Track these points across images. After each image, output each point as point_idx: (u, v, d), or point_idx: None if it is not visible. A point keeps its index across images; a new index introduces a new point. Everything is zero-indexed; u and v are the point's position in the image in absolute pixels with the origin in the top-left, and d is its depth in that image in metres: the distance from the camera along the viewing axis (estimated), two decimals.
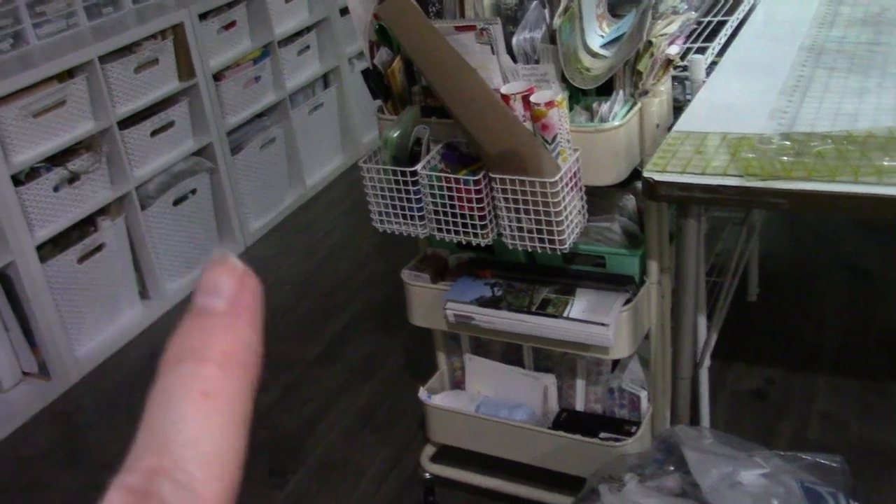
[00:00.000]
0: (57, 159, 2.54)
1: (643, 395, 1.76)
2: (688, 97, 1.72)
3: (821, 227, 2.84)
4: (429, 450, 2.00)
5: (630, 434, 1.73)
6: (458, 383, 1.98)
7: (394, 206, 1.59)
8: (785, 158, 1.34)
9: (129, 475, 0.25)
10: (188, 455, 0.26)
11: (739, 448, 1.41)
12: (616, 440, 1.72)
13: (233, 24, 3.15)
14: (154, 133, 2.84)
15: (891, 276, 2.56)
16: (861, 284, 2.55)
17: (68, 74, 2.56)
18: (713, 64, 1.82)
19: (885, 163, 1.28)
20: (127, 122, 2.74)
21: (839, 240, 2.77)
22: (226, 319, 0.28)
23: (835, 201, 1.24)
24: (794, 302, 2.50)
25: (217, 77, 3.07)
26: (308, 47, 3.52)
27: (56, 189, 2.52)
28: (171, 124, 2.90)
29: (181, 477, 0.25)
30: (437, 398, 1.92)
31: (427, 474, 1.97)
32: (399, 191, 1.56)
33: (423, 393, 1.92)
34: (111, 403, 2.50)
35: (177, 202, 2.94)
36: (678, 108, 1.66)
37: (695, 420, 1.93)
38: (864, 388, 2.14)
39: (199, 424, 0.26)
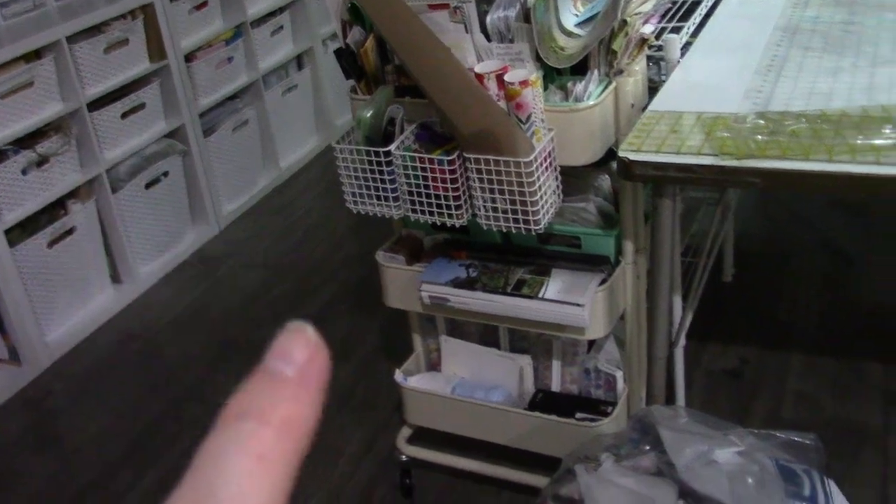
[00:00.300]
0: (25, 142, 2.50)
1: (619, 375, 1.77)
2: (663, 77, 1.71)
3: (795, 206, 2.85)
4: (405, 432, 1.99)
5: (606, 414, 1.73)
6: (434, 365, 1.97)
7: (367, 187, 1.57)
8: (759, 137, 1.33)
9: None
10: None
11: (714, 427, 1.42)
12: (592, 420, 1.72)
13: (204, 4, 3.10)
14: (125, 115, 2.80)
15: (864, 255, 2.58)
16: (835, 264, 2.56)
17: (35, 55, 2.51)
18: (688, 44, 1.81)
19: (859, 141, 1.28)
20: (97, 104, 2.70)
21: (813, 220, 2.79)
22: (292, 387, 0.29)
23: (809, 180, 1.24)
24: (769, 282, 2.52)
25: (189, 58, 3.03)
26: (281, 28, 3.47)
27: (24, 172, 2.48)
28: (141, 106, 2.86)
29: None
30: (412, 380, 1.91)
31: (403, 456, 1.96)
32: (373, 171, 1.54)
33: (398, 375, 1.91)
34: (82, 389, 2.47)
35: (149, 185, 2.90)
36: (653, 88, 1.65)
37: (670, 399, 1.94)
38: (838, 367, 2.16)
39: (248, 484, 0.27)
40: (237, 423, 0.28)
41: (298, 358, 0.30)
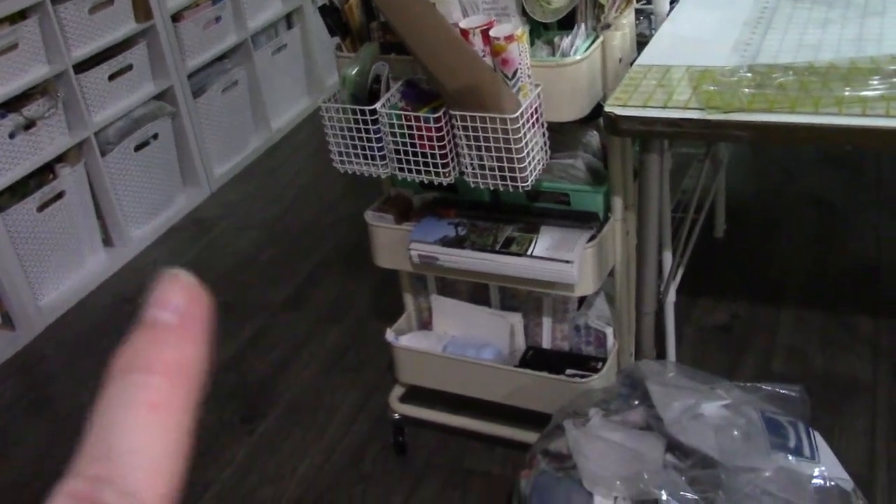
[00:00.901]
0: (11, 105, 2.48)
1: (609, 331, 1.77)
2: (653, 31, 1.69)
3: (787, 162, 2.84)
4: (397, 391, 2.00)
5: (596, 370, 1.74)
6: (425, 324, 1.97)
7: (354, 146, 1.56)
8: (746, 91, 1.32)
9: (74, 481, 0.26)
10: (133, 464, 0.26)
11: (702, 381, 1.42)
12: (582, 376, 1.73)
13: None
14: (112, 77, 2.77)
15: (854, 211, 2.58)
16: (825, 219, 2.56)
17: (20, 16, 2.48)
18: None
19: (846, 93, 1.27)
20: (83, 66, 2.67)
21: (804, 175, 2.78)
22: (175, 333, 0.29)
23: (795, 133, 1.23)
24: (761, 237, 2.52)
25: (175, 18, 2.99)
26: None
27: (12, 136, 2.46)
28: (129, 67, 2.83)
29: (125, 485, 0.26)
30: (404, 339, 1.91)
31: (396, 415, 1.98)
32: (359, 130, 1.53)
33: (390, 334, 1.91)
34: (75, 353, 2.48)
35: (138, 148, 2.88)
36: (644, 42, 1.63)
37: (661, 354, 1.95)
38: (828, 321, 2.17)
39: (144, 434, 0.27)
40: (124, 376, 0.28)
41: (177, 303, 0.30)
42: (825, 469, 1.26)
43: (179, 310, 0.30)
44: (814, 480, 1.25)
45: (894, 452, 1.79)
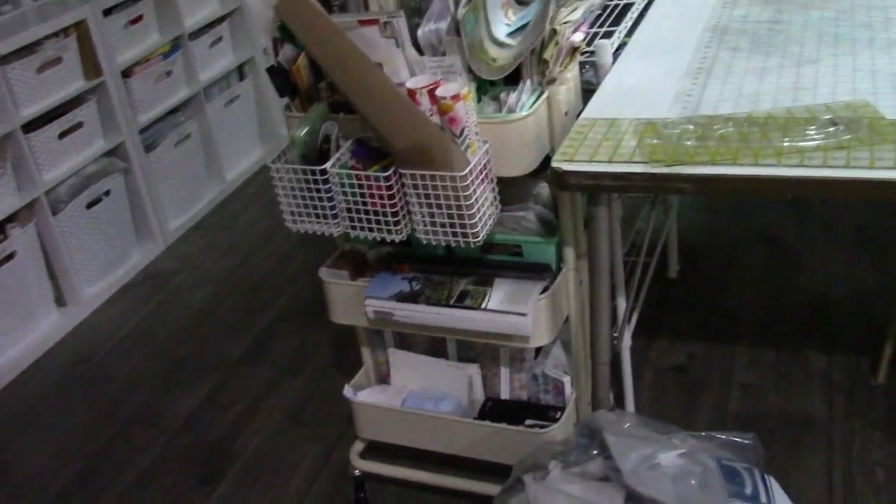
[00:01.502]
0: None
1: (566, 380, 1.78)
2: (600, 80, 1.72)
3: (738, 201, 2.90)
4: (357, 446, 1.99)
5: (555, 419, 1.74)
6: (383, 377, 1.97)
7: (306, 206, 1.56)
8: (689, 143, 1.35)
9: None
10: None
11: (658, 430, 1.43)
12: (541, 426, 1.73)
13: (139, 18, 3.06)
14: (62, 135, 2.75)
15: (805, 248, 2.63)
16: (777, 256, 2.61)
17: None
18: (623, 45, 1.83)
19: (785, 144, 1.31)
20: (32, 125, 2.64)
21: (756, 213, 2.83)
22: None
23: (737, 184, 1.26)
24: (714, 276, 2.55)
25: (126, 74, 2.98)
26: (220, 39, 3.44)
27: None
28: (79, 125, 2.81)
29: None
30: (362, 394, 1.90)
31: (357, 471, 1.95)
32: (310, 190, 1.53)
33: (348, 390, 1.90)
34: (30, 417, 2.42)
35: (90, 205, 2.85)
36: (592, 91, 1.66)
37: (619, 399, 1.96)
38: (783, 358, 2.19)
39: None
40: None
41: None
42: None
43: None
44: None
45: (850, 486, 1.81)
